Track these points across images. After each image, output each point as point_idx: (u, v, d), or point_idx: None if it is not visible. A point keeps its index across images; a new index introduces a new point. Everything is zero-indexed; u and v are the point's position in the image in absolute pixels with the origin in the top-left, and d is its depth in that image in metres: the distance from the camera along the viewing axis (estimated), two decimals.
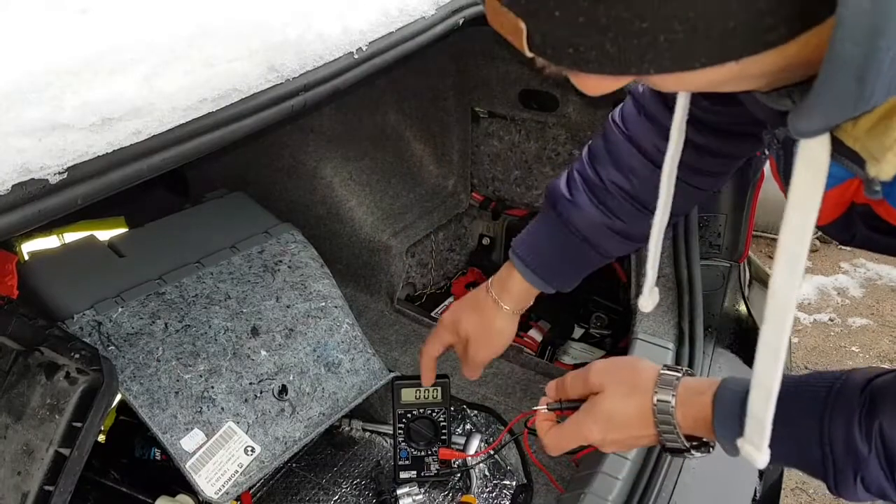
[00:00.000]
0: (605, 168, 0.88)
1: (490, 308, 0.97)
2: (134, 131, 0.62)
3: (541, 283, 0.93)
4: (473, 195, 1.75)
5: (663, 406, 0.71)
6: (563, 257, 0.93)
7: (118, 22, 0.69)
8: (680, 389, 0.71)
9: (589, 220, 0.89)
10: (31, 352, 0.82)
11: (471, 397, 1.37)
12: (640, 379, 0.73)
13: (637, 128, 0.86)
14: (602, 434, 0.75)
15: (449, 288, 1.74)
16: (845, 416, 0.60)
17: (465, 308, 1.00)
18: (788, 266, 0.52)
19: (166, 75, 0.66)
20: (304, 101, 0.77)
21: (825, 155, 0.47)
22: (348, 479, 1.21)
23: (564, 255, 0.93)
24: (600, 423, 0.75)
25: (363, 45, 0.83)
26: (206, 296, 1.15)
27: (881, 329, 2.66)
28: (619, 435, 0.75)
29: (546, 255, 0.92)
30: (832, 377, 0.63)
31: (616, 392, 0.74)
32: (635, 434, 0.74)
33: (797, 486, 2.04)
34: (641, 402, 0.72)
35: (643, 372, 0.74)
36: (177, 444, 1.00)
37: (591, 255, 0.92)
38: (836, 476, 0.61)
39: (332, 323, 1.23)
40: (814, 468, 0.63)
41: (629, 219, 0.88)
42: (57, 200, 0.59)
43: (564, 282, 0.94)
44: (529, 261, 0.92)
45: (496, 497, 1.18)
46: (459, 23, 1.00)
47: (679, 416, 0.70)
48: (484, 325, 0.97)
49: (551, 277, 0.93)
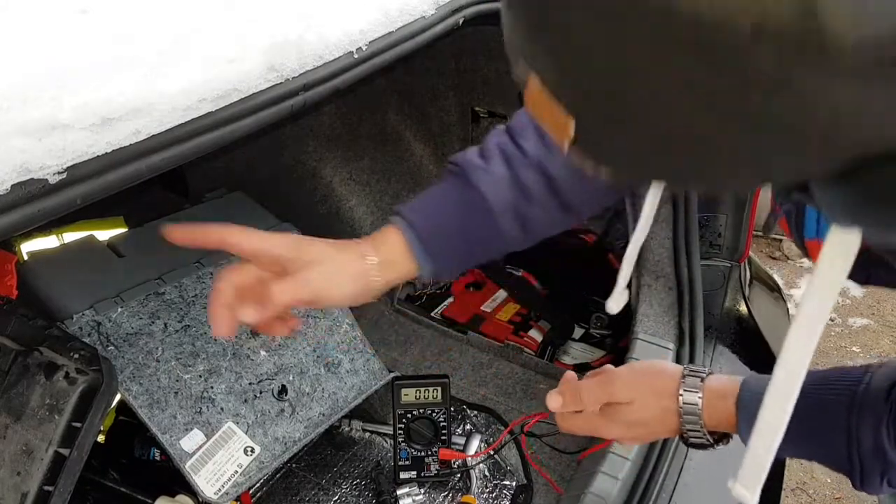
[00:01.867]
0: (529, 142, 0.80)
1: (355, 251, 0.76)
2: (133, 131, 0.62)
3: (425, 258, 0.77)
4: None
5: (690, 409, 0.73)
6: (460, 235, 0.79)
7: (118, 22, 0.69)
8: (705, 392, 0.73)
9: (502, 195, 0.78)
10: (31, 352, 0.82)
11: (471, 397, 1.37)
12: (665, 383, 0.75)
13: None
14: (622, 434, 0.76)
15: (449, 288, 1.73)
16: (873, 422, 0.62)
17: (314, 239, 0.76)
18: (805, 337, 0.52)
19: (166, 75, 0.65)
20: (304, 100, 0.77)
21: (857, 238, 0.46)
22: (348, 479, 1.21)
23: (463, 232, 0.79)
24: (623, 428, 0.76)
25: (363, 44, 0.83)
26: (205, 296, 1.15)
27: (881, 329, 2.66)
28: (641, 432, 0.76)
29: (442, 228, 0.78)
30: (855, 379, 0.64)
31: (645, 404, 0.75)
32: (657, 431, 0.76)
33: (797, 486, 2.05)
34: (667, 405, 0.74)
35: (668, 375, 0.75)
36: (176, 445, 1.00)
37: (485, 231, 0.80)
38: (863, 476, 0.63)
39: (331, 323, 1.23)
40: (838, 466, 0.66)
41: (542, 203, 0.80)
42: (56, 200, 0.59)
43: (446, 265, 0.80)
44: (421, 229, 0.77)
45: (496, 497, 1.18)
46: (459, 23, 0.99)
47: (705, 416, 0.73)
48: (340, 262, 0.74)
49: (437, 255, 0.78)
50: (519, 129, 0.81)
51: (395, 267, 0.76)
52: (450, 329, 1.54)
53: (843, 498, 2.00)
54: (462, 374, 1.43)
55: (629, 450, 1.04)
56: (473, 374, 1.43)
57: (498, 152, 0.80)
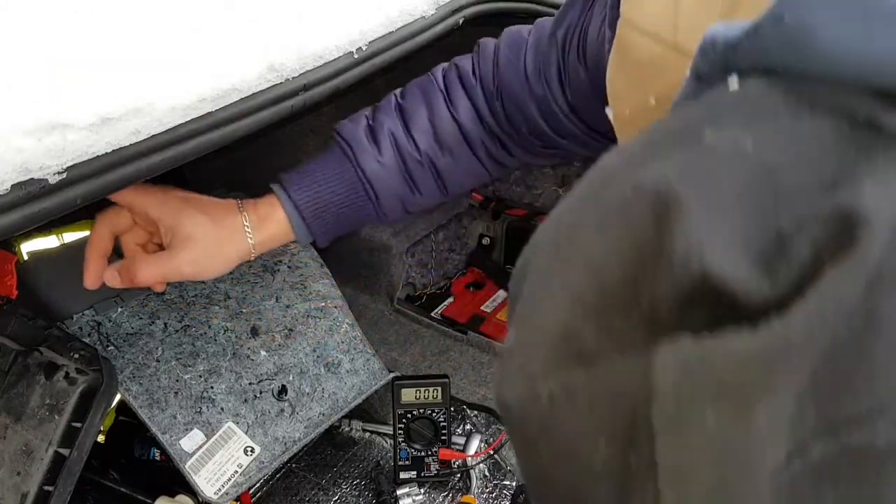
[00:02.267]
0: (421, 135, 0.83)
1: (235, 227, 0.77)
2: (133, 131, 0.62)
3: (303, 232, 0.81)
4: (473, 195, 1.75)
5: None
6: (341, 207, 0.82)
7: (118, 22, 0.69)
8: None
9: (389, 184, 0.82)
10: (31, 352, 0.82)
11: (471, 397, 1.37)
12: None
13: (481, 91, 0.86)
14: None
15: (449, 288, 1.73)
16: None
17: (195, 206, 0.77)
18: None
19: (166, 75, 0.65)
20: (304, 101, 0.77)
21: None
22: (348, 479, 1.21)
23: (344, 205, 0.82)
24: None
25: (363, 44, 0.83)
26: (205, 296, 1.15)
27: None
28: None
29: (323, 204, 0.81)
30: None
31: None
32: None
33: None
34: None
35: None
36: (176, 445, 1.00)
37: (367, 213, 0.85)
38: None
39: (331, 323, 1.23)
40: None
41: (427, 194, 0.85)
42: (56, 200, 0.59)
43: (322, 237, 0.84)
44: (303, 206, 0.80)
45: (496, 497, 1.18)
46: (459, 23, 0.99)
47: None
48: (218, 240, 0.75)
49: (316, 230, 0.82)
50: (411, 112, 0.85)
51: (272, 241, 0.79)
52: (450, 329, 1.54)
53: None
54: (462, 374, 1.43)
55: None
56: (473, 374, 1.43)
57: (390, 141, 0.82)
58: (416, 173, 0.83)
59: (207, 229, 0.73)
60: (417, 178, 0.83)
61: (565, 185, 1.60)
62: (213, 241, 0.74)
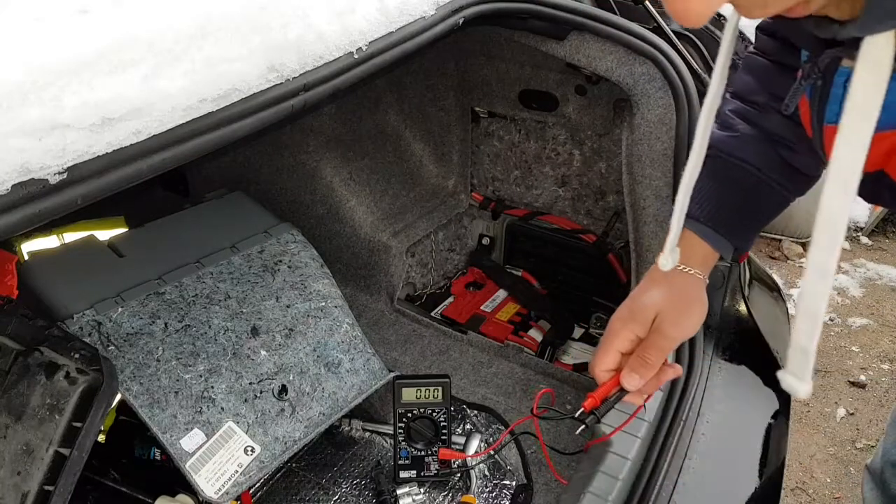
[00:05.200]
0: (756, 94, 0.87)
1: (678, 277, 0.83)
2: (134, 131, 0.62)
3: (720, 240, 0.85)
4: (473, 195, 1.75)
5: None
6: (739, 206, 0.86)
7: (118, 22, 0.69)
8: None
9: (756, 149, 0.86)
10: (31, 352, 0.82)
11: (471, 397, 1.37)
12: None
13: None
14: None
15: (449, 288, 1.74)
16: None
17: (643, 293, 0.84)
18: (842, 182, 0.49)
19: (166, 75, 0.66)
20: (304, 101, 0.77)
21: (889, 52, 0.46)
22: (348, 479, 1.21)
23: (741, 202, 0.86)
24: None
25: (363, 45, 0.83)
26: (205, 296, 1.15)
27: (881, 329, 2.66)
28: None
29: (722, 208, 0.85)
30: None
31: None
32: None
33: (797, 486, 2.05)
34: None
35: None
36: (177, 444, 1.00)
37: (767, 195, 0.88)
38: None
39: (331, 323, 1.23)
40: None
41: (795, 140, 0.85)
42: (57, 200, 0.59)
43: (744, 235, 0.88)
44: (706, 219, 0.85)
45: (496, 497, 1.18)
46: (459, 23, 1.00)
47: None
48: (679, 295, 0.82)
49: (730, 233, 0.85)
50: (746, 91, 0.88)
51: (709, 264, 0.85)
52: (450, 329, 1.54)
53: (842, 498, 2.00)
54: (462, 373, 1.43)
55: (629, 449, 1.04)
56: (473, 374, 1.43)
57: (736, 116, 0.87)
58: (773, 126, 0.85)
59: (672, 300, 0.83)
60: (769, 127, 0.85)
61: (565, 185, 1.60)
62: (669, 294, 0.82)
